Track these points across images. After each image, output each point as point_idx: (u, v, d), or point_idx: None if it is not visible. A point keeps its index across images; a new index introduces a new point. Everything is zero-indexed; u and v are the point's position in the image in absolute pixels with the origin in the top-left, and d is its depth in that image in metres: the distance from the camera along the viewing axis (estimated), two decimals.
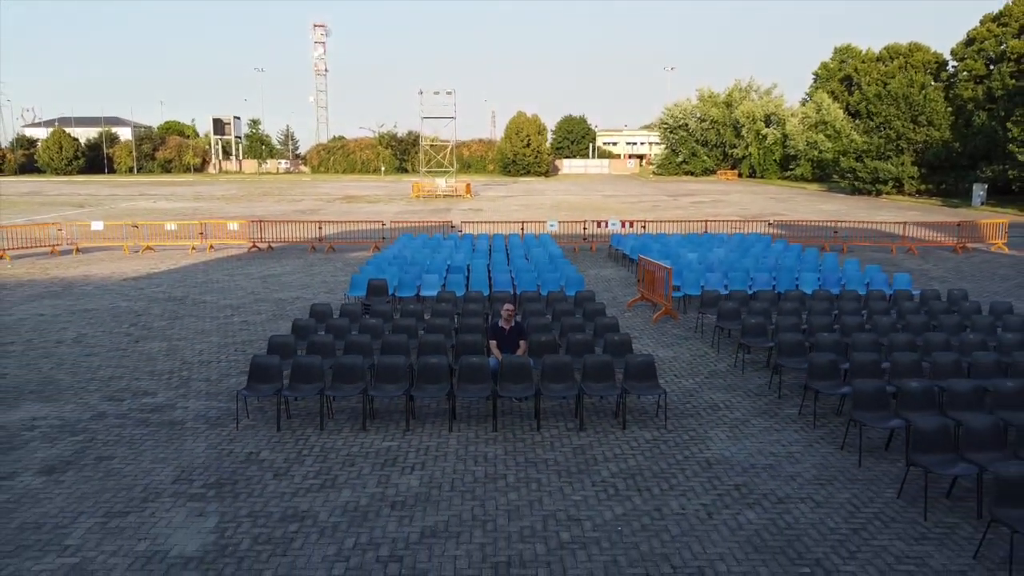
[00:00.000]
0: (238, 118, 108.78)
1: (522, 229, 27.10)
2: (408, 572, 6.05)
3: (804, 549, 6.43)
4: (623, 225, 26.89)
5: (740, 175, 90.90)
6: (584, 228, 27.25)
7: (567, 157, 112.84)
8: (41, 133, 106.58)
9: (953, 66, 68.58)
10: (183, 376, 11.42)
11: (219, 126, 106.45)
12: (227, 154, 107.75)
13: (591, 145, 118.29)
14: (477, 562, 6.20)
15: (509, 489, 7.55)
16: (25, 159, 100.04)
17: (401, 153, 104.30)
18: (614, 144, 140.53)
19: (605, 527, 6.79)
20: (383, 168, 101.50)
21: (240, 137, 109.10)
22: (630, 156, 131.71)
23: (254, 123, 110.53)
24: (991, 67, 60.94)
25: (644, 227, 27.58)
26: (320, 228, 27.50)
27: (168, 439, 8.86)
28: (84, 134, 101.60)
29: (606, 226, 26.88)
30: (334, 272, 21.58)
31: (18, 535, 6.62)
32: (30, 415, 9.66)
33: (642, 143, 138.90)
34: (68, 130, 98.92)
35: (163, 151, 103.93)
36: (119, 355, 12.65)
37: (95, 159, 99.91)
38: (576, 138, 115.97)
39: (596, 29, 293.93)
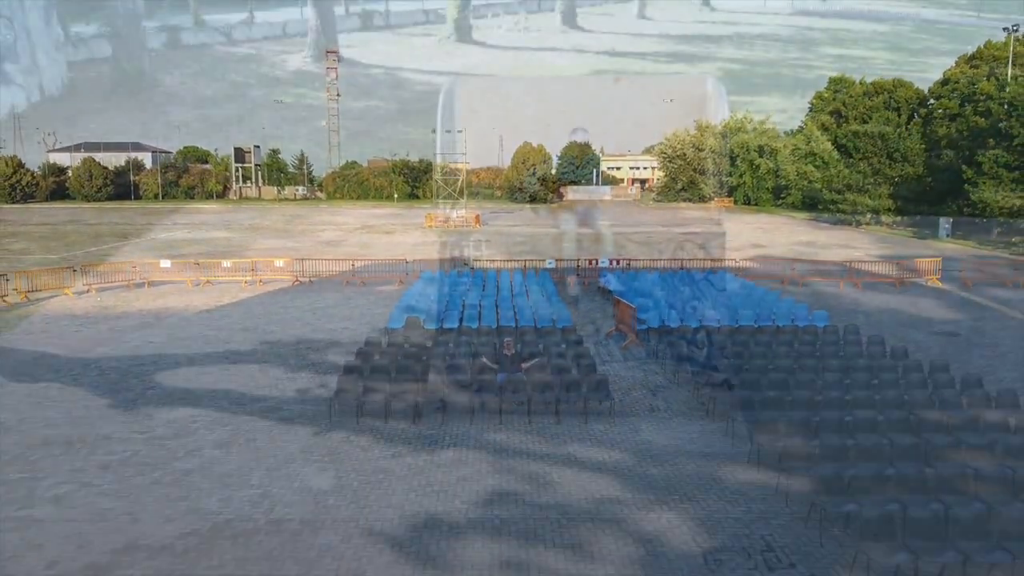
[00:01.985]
0: (258, 147, 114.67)
1: (524, 267, 31.87)
2: (451, 495, 10.67)
3: (679, 486, 11.04)
4: (611, 263, 31.65)
5: (735, 203, 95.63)
6: (577, 265, 32.01)
7: (572, 183, 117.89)
8: (64, 159, 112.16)
9: (930, 103, 73.34)
10: (281, 388, 16.09)
11: (240, 155, 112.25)
12: (246, 180, 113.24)
13: (595, 170, 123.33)
14: (492, 491, 10.83)
15: (510, 457, 12.17)
16: (55, 186, 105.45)
17: (413, 180, 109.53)
18: (617, 169, 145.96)
19: (567, 475, 11.41)
20: (396, 195, 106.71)
21: (259, 165, 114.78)
22: (633, 180, 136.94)
23: (274, 152, 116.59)
24: (964, 106, 65.63)
25: (628, 265, 32.29)
26: (352, 264, 32.27)
27: (286, 429, 13.53)
28: (107, 159, 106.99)
29: (596, 264, 31.65)
30: (369, 305, 26.29)
31: (221, 479, 11.28)
32: (188, 414, 14.34)
33: (644, 167, 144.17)
34: (95, 156, 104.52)
35: (187, 178, 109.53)
36: (228, 374, 17.34)
37: (122, 186, 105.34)
38: (581, 163, 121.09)
39: (601, 48, 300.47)
